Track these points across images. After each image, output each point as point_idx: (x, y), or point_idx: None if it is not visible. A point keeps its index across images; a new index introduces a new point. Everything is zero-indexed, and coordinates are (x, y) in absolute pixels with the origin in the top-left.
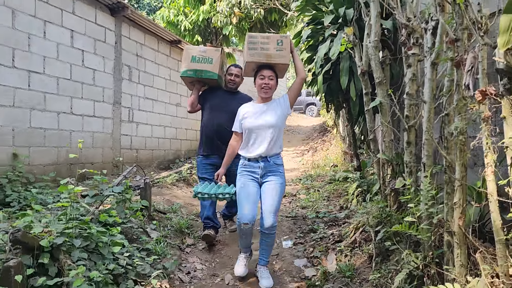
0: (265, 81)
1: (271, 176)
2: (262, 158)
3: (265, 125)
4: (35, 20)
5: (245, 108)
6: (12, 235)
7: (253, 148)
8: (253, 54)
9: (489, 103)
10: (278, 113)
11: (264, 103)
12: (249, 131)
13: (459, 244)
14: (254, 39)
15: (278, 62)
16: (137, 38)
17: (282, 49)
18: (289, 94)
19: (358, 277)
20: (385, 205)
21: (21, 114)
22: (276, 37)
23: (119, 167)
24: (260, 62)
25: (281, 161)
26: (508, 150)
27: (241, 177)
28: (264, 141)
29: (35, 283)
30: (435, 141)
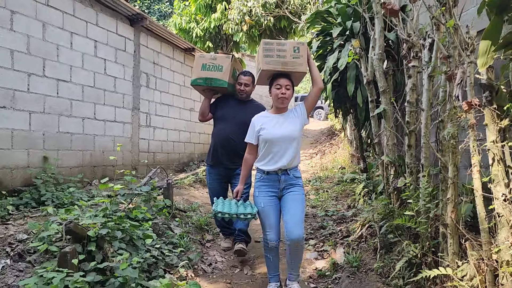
0: (282, 90)
1: (292, 188)
2: (282, 171)
3: (285, 137)
4: (63, 32)
5: (261, 119)
6: (66, 226)
7: (273, 161)
8: (269, 61)
9: (474, 112)
10: (297, 124)
11: (281, 114)
12: (269, 143)
13: (452, 234)
14: (270, 46)
15: (295, 70)
16: (154, 47)
17: (299, 57)
18: (306, 104)
19: (364, 267)
20: (388, 202)
21: (51, 120)
22: (292, 43)
23: (137, 170)
24: (276, 70)
25: (299, 174)
26: (490, 152)
27: (260, 195)
28: (285, 154)
29: (86, 267)
30: (432, 144)
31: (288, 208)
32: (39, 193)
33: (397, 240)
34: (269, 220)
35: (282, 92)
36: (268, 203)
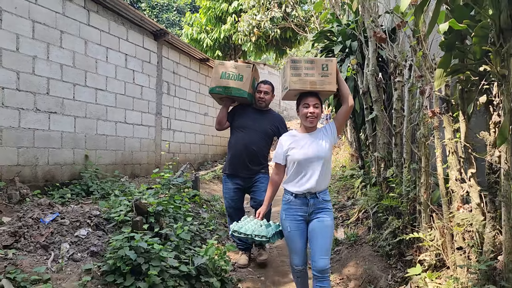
0: (310, 110)
1: (321, 213)
2: (311, 194)
3: (315, 157)
4: (100, 47)
5: (289, 139)
6: (134, 202)
7: (302, 182)
8: (296, 81)
9: (438, 118)
10: (327, 144)
11: (310, 133)
12: (298, 164)
13: (424, 209)
14: (297, 64)
15: (324, 90)
16: (174, 58)
17: (328, 75)
18: (336, 122)
19: (360, 241)
20: (379, 189)
21: (91, 123)
22: (321, 61)
23: (160, 168)
24: (304, 90)
25: (329, 197)
26: (447, 146)
27: (287, 219)
28: (314, 175)
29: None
30: (410, 143)
31: (315, 237)
32: (87, 185)
33: (385, 219)
34: (295, 245)
35: (311, 112)
36: (295, 227)
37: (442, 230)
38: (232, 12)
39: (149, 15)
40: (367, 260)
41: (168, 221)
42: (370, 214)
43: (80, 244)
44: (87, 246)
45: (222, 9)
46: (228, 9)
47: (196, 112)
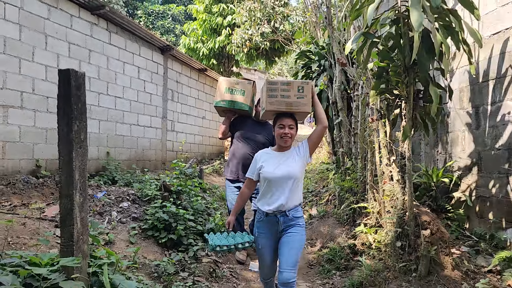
0: (285, 130)
1: (291, 229)
2: (281, 212)
3: (286, 176)
4: (119, 62)
5: (263, 156)
6: (162, 182)
7: (272, 200)
8: (272, 102)
9: (375, 123)
10: (298, 163)
11: (283, 152)
12: (268, 182)
13: (370, 188)
14: (274, 86)
15: (299, 111)
16: (177, 69)
17: (303, 96)
18: (309, 143)
19: (327, 215)
20: (342, 176)
21: (111, 125)
22: (297, 83)
23: (165, 164)
24: (280, 111)
25: (300, 213)
26: (380, 142)
27: (260, 236)
28: (284, 193)
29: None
30: (362, 141)
31: (283, 250)
32: (112, 175)
33: (345, 197)
34: (265, 261)
35: (285, 132)
36: (265, 244)
37: (379, 201)
38: (227, 25)
39: (145, 22)
40: (331, 226)
41: (185, 198)
42: (336, 195)
43: (124, 212)
44: (129, 214)
45: (217, 22)
46: (223, 22)
47: (196, 116)
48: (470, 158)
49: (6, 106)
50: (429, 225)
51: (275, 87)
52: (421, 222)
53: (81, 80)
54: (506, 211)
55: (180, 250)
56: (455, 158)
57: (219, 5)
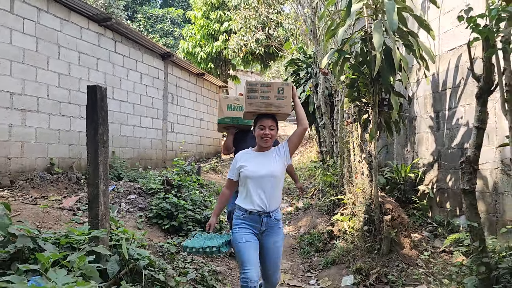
0: (265, 131)
1: (272, 233)
2: (265, 213)
3: (266, 175)
4: (123, 68)
5: (243, 156)
6: (165, 178)
7: (253, 200)
8: (252, 103)
9: (350, 126)
10: (279, 163)
11: (263, 152)
12: (249, 181)
13: (346, 182)
14: (254, 87)
15: (279, 112)
16: (176, 74)
17: (283, 98)
18: (290, 144)
19: (311, 207)
20: (325, 172)
21: (116, 127)
22: (277, 84)
23: (166, 162)
24: (260, 112)
25: (280, 215)
26: (354, 143)
27: (240, 231)
28: (265, 192)
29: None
30: (340, 141)
31: (269, 257)
32: (118, 172)
33: (327, 191)
34: (249, 255)
35: (265, 133)
36: (249, 239)
37: (353, 192)
38: (223, 31)
39: (144, 26)
40: (314, 216)
41: (185, 191)
42: (320, 189)
43: (131, 203)
44: (136, 205)
45: (214, 28)
46: (220, 28)
47: (194, 118)
48: (432, 156)
49: (24, 110)
50: (391, 212)
51: (255, 88)
52: (384, 209)
53: (104, 93)
54: (459, 201)
55: (181, 235)
56: (420, 156)
57: (216, 12)
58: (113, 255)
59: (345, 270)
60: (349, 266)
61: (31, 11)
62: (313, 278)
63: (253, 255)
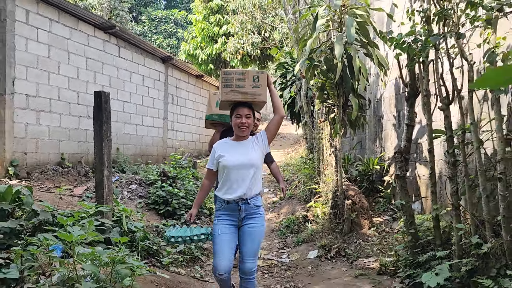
0: (241, 120)
1: (252, 219)
2: (243, 200)
3: (244, 164)
4: (126, 72)
5: (221, 146)
6: (162, 170)
7: (232, 189)
8: (228, 92)
9: (322, 124)
10: (257, 152)
11: (241, 141)
12: (228, 170)
13: (321, 174)
14: (229, 76)
15: (255, 100)
16: (176, 75)
17: (259, 86)
18: (267, 133)
19: (294, 196)
20: (305, 165)
21: (120, 126)
22: (252, 73)
23: (166, 159)
24: (236, 101)
25: (260, 202)
26: (324, 139)
27: (219, 223)
28: (245, 181)
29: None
30: (317, 137)
31: (245, 241)
32: (122, 167)
33: (305, 181)
34: (222, 248)
35: (242, 122)
36: (226, 231)
37: (326, 182)
38: (222, 34)
39: (148, 27)
40: (294, 204)
41: (180, 182)
42: (301, 181)
43: (132, 192)
44: (136, 193)
45: (214, 31)
46: (219, 31)
47: (193, 117)
48: (395, 150)
49: (38, 110)
50: (353, 197)
51: (230, 77)
52: (348, 195)
53: (107, 97)
54: (415, 188)
55: (175, 218)
56: (386, 150)
57: (215, 16)
58: (115, 227)
59: (312, 247)
60: (316, 243)
61: (44, 22)
62: (285, 253)
63: (226, 246)
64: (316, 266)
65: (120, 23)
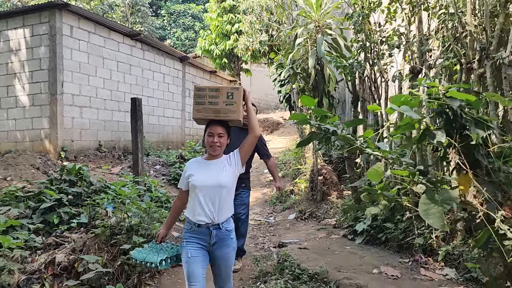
0: (213, 139)
1: (223, 245)
2: (214, 225)
3: (215, 186)
4: (150, 71)
5: (193, 164)
6: (179, 154)
7: (201, 211)
8: (199, 109)
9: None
10: (228, 172)
11: (213, 160)
12: (198, 190)
13: (306, 156)
14: (202, 92)
15: (228, 119)
16: (192, 72)
17: (233, 103)
18: (241, 153)
19: (287, 176)
20: (295, 151)
21: (145, 117)
22: (226, 89)
23: (184, 145)
24: (208, 119)
25: (232, 226)
26: (306, 129)
27: (188, 245)
28: (214, 204)
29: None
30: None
31: (219, 267)
32: (147, 152)
33: (294, 164)
34: (195, 271)
35: (214, 141)
36: (196, 253)
37: (308, 164)
38: (234, 31)
39: (167, 21)
40: (285, 182)
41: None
42: (293, 163)
43: (157, 171)
44: (160, 172)
45: (227, 29)
46: (231, 29)
47: None
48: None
49: (81, 106)
50: (325, 174)
51: (203, 94)
52: (321, 173)
53: (140, 102)
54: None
55: None
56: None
57: (228, 15)
58: (146, 193)
59: (292, 211)
60: (295, 209)
61: (84, 34)
62: (272, 216)
63: (199, 270)
64: (293, 224)
65: (141, 18)
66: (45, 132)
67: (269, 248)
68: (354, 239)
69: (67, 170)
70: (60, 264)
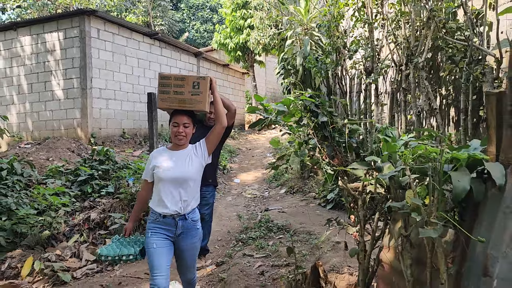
0: (178, 129)
1: (189, 236)
2: (180, 216)
3: (180, 177)
4: (167, 66)
5: (157, 155)
6: None
7: (167, 202)
8: (164, 98)
9: None
10: (195, 163)
11: (179, 151)
12: (163, 183)
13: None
14: (167, 81)
15: (193, 108)
16: (206, 66)
17: (199, 93)
18: (207, 143)
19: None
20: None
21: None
22: (192, 78)
23: None
24: (172, 108)
25: (197, 216)
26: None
27: (153, 236)
28: (180, 195)
29: None
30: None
31: (184, 257)
32: (165, 138)
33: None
34: (160, 262)
35: (179, 131)
36: (162, 244)
37: None
38: (247, 26)
39: (187, 14)
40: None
41: None
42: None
43: None
44: None
45: (240, 24)
46: (244, 24)
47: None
48: None
49: (107, 99)
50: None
51: (168, 82)
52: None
53: (155, 96)
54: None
55: None
56: None
57: (241, 11)
58: None
59: (284, 187)
60: (286, 185)
61: (109, 35)
62: (267, 191)
63: (164, 261)
64: (282, 197)
65: (162, 12)
66: (77, 121)
67: (256, 213)
68: (325, 206)
69: (97, 152)
70: (93, 220)
